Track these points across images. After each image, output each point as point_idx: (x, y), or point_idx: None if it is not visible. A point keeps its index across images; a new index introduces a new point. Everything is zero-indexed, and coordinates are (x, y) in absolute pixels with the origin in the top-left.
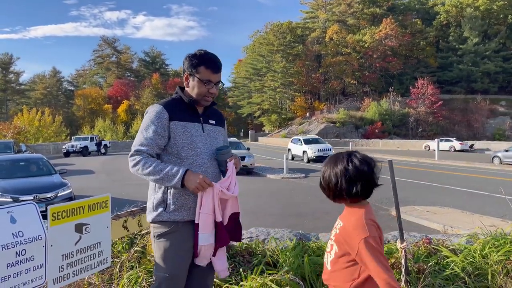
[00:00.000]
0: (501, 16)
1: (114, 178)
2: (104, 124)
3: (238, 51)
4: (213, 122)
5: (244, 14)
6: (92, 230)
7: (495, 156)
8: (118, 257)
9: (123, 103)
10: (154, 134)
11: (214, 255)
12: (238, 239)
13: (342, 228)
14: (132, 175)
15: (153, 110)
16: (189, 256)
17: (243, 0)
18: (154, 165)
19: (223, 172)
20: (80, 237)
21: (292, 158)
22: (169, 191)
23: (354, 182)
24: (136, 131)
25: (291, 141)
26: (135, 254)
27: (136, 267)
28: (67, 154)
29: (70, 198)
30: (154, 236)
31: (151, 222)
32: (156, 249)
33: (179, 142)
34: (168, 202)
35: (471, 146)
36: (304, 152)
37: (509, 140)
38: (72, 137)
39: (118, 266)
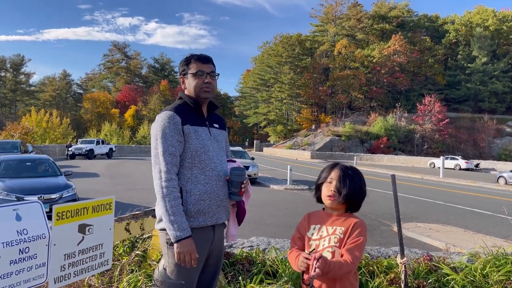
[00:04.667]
0: (511, 36)
1: (118, 182)
2: (110, 128)
3: (247, 61)
4: (217, 126)
5: (255, 25)
6: (95, 231)
7: (500, 176)
8: (119, 260)
9: (131, 108)
10: (177, 143)
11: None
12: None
13: (351, 228)
14: (137, 179)
15: (165, 117)
16: (202, 262)
17: (254, 11)
18: (174, 206)
19: (233, 193)
20: (83, 237)
21: None
22: (183, 197)
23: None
24: (142, 136)
25: None
26: (136, 258)
27: (136, 271)
28: (72, 156)
29: (74, 200)
30: (167, 242)
31: (164, 230)
32: (169, 255)
33: (193, 146)
34: (183, 209)
35: (477, 165)
36: None
37: None
38: (79, 140)
39: (118, 269)
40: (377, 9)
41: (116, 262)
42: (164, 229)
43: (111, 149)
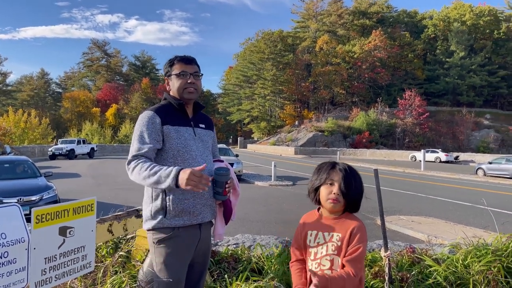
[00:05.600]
0: (487, 31)
1: (101, 182)
2: (91, 128)
3: (229, 58)
4: (203, 126)
5: (237, 22)
6: (76, 233)
7: (479, 168)
8: (102, 262)
9: (112, 106)
10: (150, 139)
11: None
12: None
13: (350, 233)
14: (119, 179)
15: (144, 116)
16: (189, 260)
17: (236, 8)
18: (150, 167)
19: (218, 193)
20: (64, 240)
21: None
22: (167, 197)
23: None
24: (124, 135)
25: None
26: (120, 259)
27: (120, 272)
28: (53, 157)
29: (55, 201)
30: (154, 242)
31: (150, 230)
32: (157, 254)
33: (174, 146)
34: (168, 208)
35: (456, 157)
36: None
37: (493, 152)
38: (59, 140)
39: (101, 270)
40: (357, 5)
41: (99, 264)
42: (151, 230)
43: (92, 148)
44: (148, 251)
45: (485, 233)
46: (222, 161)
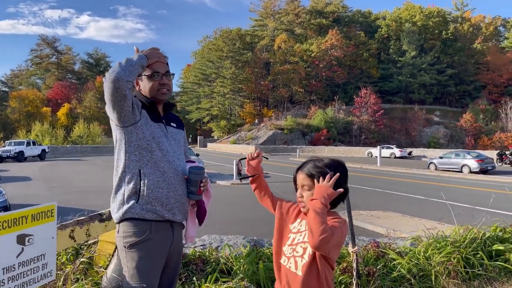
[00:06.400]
0: (436, 31)
1: (54, 185)
2: (42, 128)
3: (187, 56)
4: (174, 125)
5: (194, 19)
6: (36, 241)
7: (431, 163)
8: (62, 269)
9: (64, 106)
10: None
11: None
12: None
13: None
14: (75, 182)
15: None
16: (163, 263)
17: (193, 5)
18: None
19: (192, 192)
20: (23, 249)
21: None
22: (142, 181)
23: None
24: (78, 136)
25: None
26: (81, 266)
27: (82, 279)
28: (0, 159)
29: (5, 207)
30: (125, 246)
31: (121, 221)
32: (128, 259)
33: (148, 136)
34: (141, 193)
35: (410, 153)
36: None
37: (443, 147)
38: (6, 142)
39: (62, 278)
40: (314, 4)
41: (59, 272)
42: (124, 219)
43: (43, 150)
44: (112, 256)
45: (440, 225)
46: (193, 161)
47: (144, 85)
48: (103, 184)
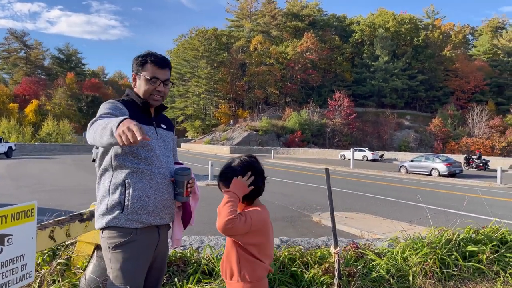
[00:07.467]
0: (408, 38)
1: (23, 183)
2: (8, 125)
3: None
4: (164, 126)
5: (170, 17)
6: (15, 241)
7: (402, 166)
8: (37, 271)
9: (32, 102)
10: (113, 112)
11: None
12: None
13: None
14: (45, 180)
15: (111, 102)
16: (148, 265)
17: (169, 3)
18: (102, 122)
19: (179, 194)
20: (2, 249)
21: None
22: (127, 191)
23: None
24: (47, 133)
25: None
26: (58, 267)
27: (59, 281)
28: None
29: None
30: (109, 247)
31: (104, 228)
32: (113, 260)
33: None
34: (126, 203)
35: (381, 156)
36: None
37: (413, 151)
38: None
39: (38, 280)
40: (290, 7)
41: (35, 273)
42: (107, 227)
43: (10, 147)
44: (91, 257)
45: (411, 226)
46: (181, 163)
47: (140, 86)
48: (75, 184)
